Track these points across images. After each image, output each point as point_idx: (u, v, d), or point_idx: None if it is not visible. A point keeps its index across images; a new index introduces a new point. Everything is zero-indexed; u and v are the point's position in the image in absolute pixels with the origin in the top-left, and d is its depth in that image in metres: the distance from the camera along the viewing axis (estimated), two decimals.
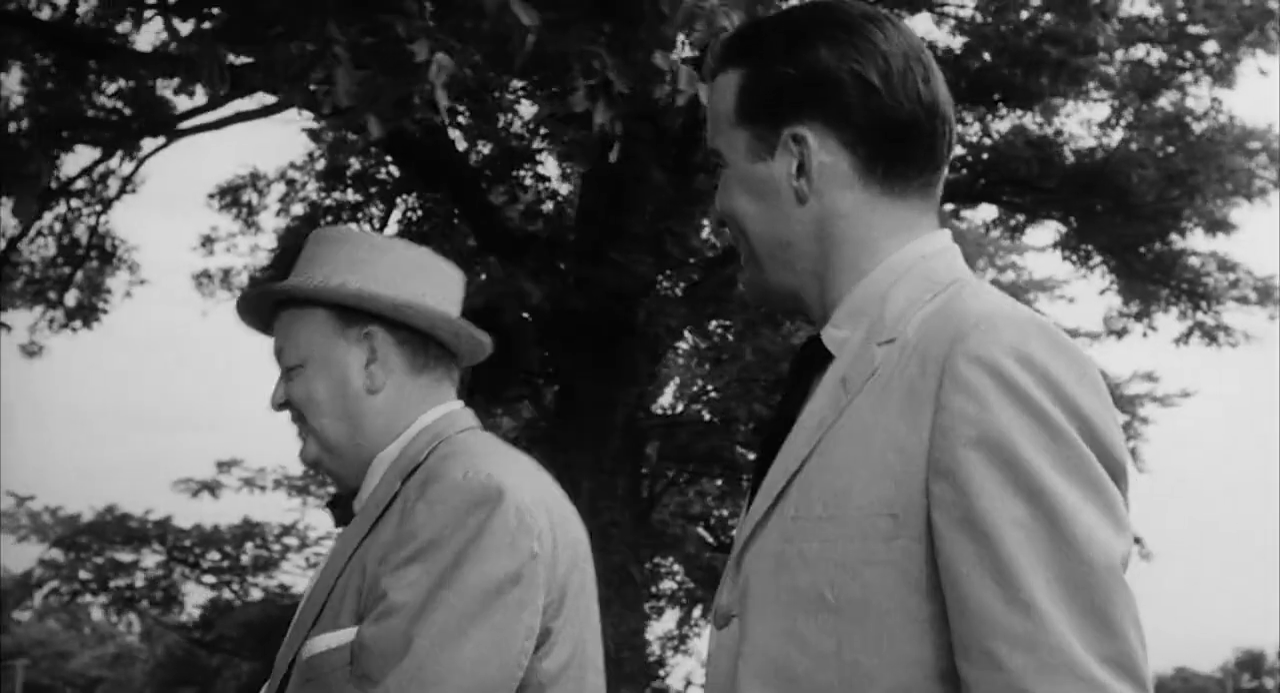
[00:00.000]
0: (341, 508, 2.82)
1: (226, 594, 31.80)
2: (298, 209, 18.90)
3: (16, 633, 77.34)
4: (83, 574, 30.51)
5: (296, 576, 30.03)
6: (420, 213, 18.06)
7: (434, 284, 2.80)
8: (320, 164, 18.84)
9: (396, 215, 18.60)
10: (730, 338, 19.92)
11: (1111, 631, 1.74)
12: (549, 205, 17.81)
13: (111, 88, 14.79)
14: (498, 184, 17.00)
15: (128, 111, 14.76)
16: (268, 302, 2.81)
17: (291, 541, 30.13)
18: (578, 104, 8.17)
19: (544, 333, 14.76)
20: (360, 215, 18.65)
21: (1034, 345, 1.81)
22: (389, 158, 17.46)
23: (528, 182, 17.66)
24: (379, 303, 2.70)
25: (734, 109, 2.02)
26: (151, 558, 30.49)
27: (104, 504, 29.32)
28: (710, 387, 22.50)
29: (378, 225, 18.65)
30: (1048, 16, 16.03)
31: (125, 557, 30.07)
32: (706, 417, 22.19)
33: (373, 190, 18.64)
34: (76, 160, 27.41)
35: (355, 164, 18.54)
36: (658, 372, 19.34)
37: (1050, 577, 1.74)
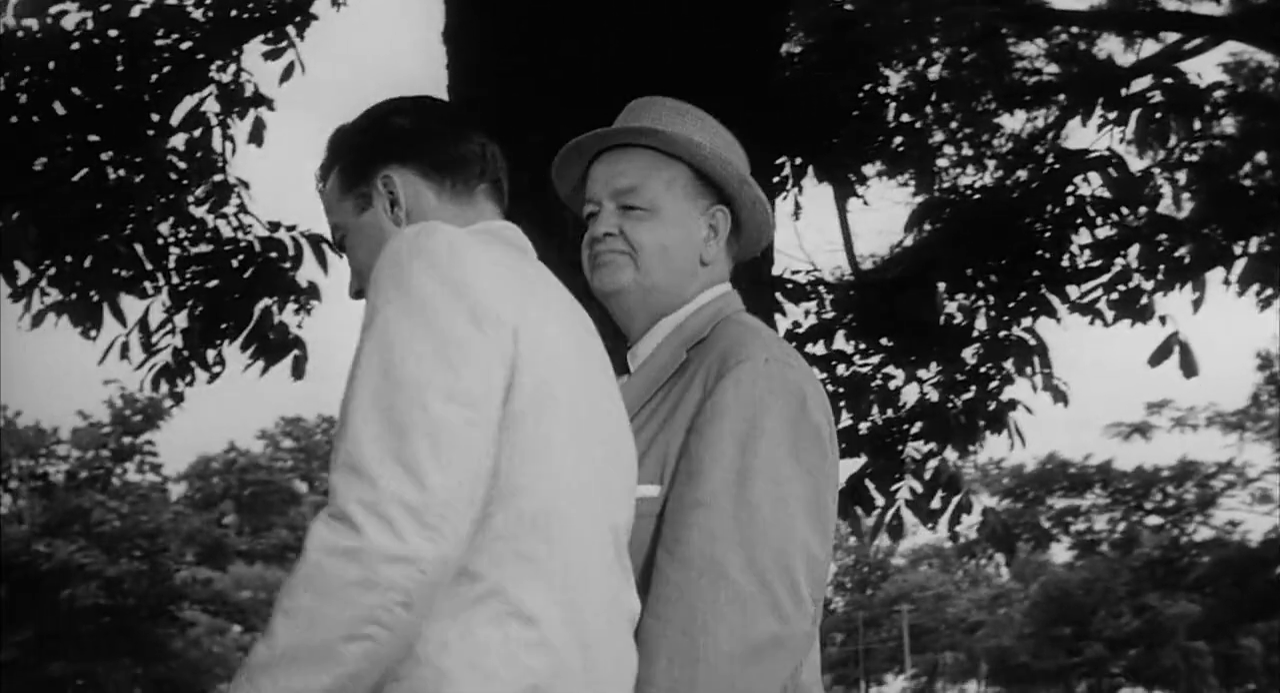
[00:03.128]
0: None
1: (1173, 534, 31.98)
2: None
3: (897, 580, 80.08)
4: (1043, 521, 31.35)
5: (1242, 512, 29.78)
6: None
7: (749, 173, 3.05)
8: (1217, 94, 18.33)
9: None
10: None
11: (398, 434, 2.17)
12: None
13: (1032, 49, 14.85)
14: None
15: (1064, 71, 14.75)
16: (643, 140, 2.97)
17: (1230, 477, 29.88)
18: None
19: None
20: None
21: (421, 239, 2.32)
22: None
23: None
24: (745, 193, 2.98)
25: (339, 188, 2.70)
26: (1090, 502, 31.03)
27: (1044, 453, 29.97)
28: None
29: None
30: None
31: (1067, 502, 30.78)
32: None
33: None
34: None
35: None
36: None
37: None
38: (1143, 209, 9.71)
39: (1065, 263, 9.48)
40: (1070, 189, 9.40)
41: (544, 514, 2.27)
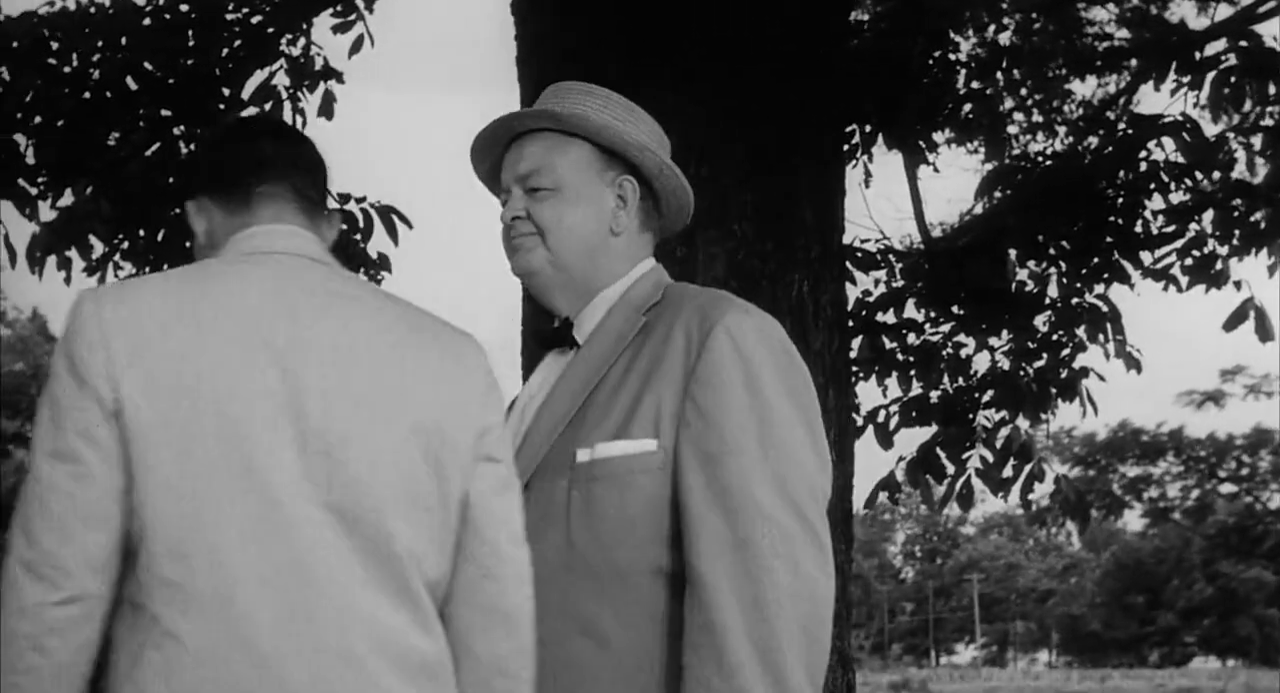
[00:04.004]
0: (548, 338, 3.11)
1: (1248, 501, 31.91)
2: None
3: (968, 548, 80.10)
4: (1115, 489, 31.41)
5: None
6: None
7: (667, 151, 3.15)
8: None
9: None
10: None
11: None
12: None
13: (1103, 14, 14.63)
14: None
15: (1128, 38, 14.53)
16: (540, 123, 3.08)
17: None
18: None
19: None
20: None
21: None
22: None
23: None
24: (647, 159, 3.05)
25: None
26: (1163, 470, 30.96)
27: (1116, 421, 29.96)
28: None
29: None
30: None
31: (1140, 470, 30.82)
32: None
33: None
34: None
35: None
36: None
37: None
38: (1217, 174, 9.63)
39: (1138, 229, 9.42)
40: (1143, 155, 9.33)
41: (180, 537, 2.39)
